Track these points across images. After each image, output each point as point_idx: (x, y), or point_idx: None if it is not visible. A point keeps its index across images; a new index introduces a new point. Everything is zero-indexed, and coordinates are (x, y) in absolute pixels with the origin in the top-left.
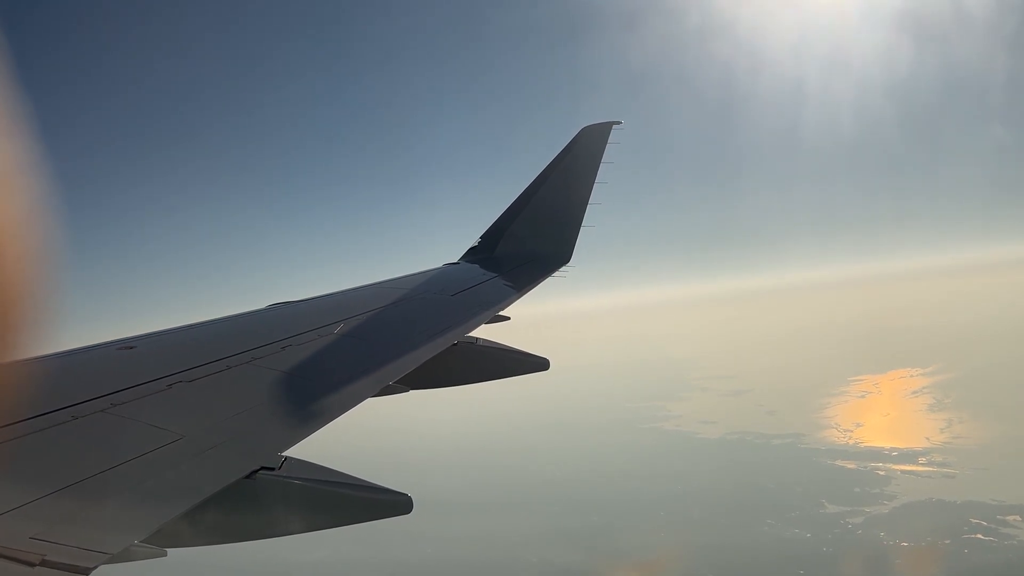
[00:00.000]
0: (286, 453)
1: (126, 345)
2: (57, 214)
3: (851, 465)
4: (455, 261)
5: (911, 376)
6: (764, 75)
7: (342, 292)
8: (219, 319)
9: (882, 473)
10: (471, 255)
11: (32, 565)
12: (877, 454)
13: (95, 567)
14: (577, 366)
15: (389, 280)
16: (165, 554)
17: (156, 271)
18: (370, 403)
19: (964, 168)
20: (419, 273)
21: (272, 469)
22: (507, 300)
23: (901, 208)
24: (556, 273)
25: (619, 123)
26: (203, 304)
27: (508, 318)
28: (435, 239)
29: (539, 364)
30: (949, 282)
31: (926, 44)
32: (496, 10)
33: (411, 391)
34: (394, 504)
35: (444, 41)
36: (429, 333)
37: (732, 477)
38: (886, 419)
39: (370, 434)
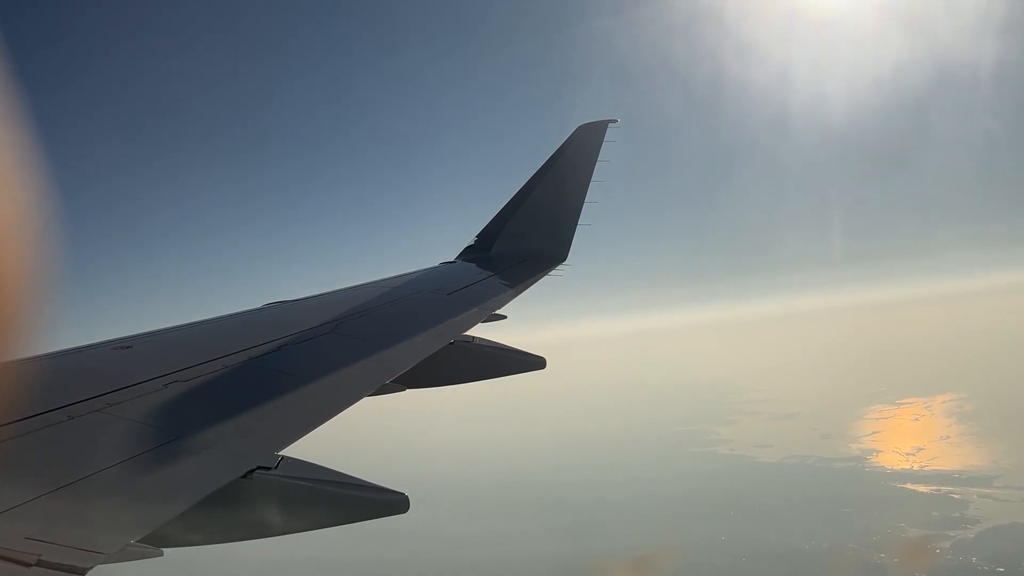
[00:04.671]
0: (282, 452)
1: (122, 345)
2: (54, 213)
3: (923, 489)
4: (451, 260)
5: (960, 399)
6: (778, 82)
7: (338, 291)
8: (215, 318)
9: (958, 497)
10: (467, 253)
11: (28, 565)
12: (947, 478)
13: (91, 567)
14: (615, 388)
15: (385, 279)
16: (161, 554)
17: (153, 271)
18: (366, 402)
19: (991, 191)
20: (415, 272)
21: (268, 468)
22: (504, 299)
23: (927, 230)
24: (552, 272)
25: (615, 121)
26: (199, 304)
27: (505, 317)
28: (431, 237)
29: (535, 363)
30: (982, 304)
31: (952, 53)
32: (492, 6)
33: (407, 390)
34: (391, 503)
35: (439, 39)
36: (425, 332)
37: (802, 501)
38: (947, 442)
39: (367, 433)
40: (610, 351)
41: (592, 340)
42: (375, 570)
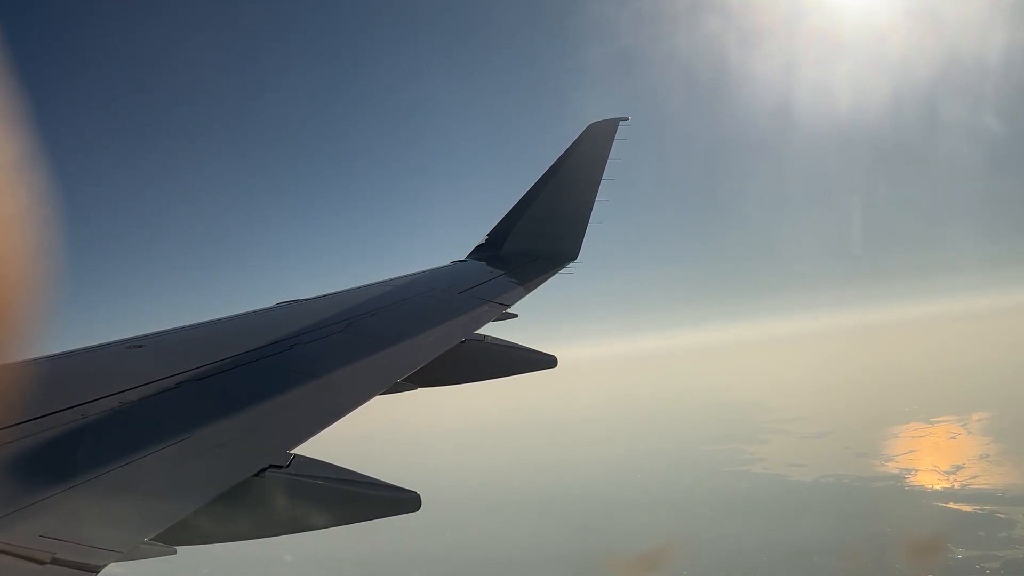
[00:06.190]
0: (295, 451)
1: (134, 344)
2: (59, 212)
3: (967, 508)
4: (462, 259)
5: (995, 416)
6: (797, 87)
7: (350, 290)
8: (227, 317)
9: (1003, 516)
10: (478, 252)
11: (42, 563)
12: (990, 496)
13: (105, 565)
14: (640, 406)
15: (396, 278)
16: (175, 552)
17: (164, 270)
18: (378, 401)
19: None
20: (426, 271)
21: (281, 467)
22: (514, 297)
23: (953, 246)
24: (563, 270)
25: (626, 119)
26: (212, 303)
27: (516, 315)
28: (442, 237)
29: (547, 361)
30: (1009, 321)
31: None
32: (504, 5)
33: (419, 389)
34: (402, 502)
35: (452, 37)
36: (437, 331)
37: (843, 521)
38: (987, 460)
39: (379, 432)
40: (631, 369)
41: (611, 358)
42: (385, 567)
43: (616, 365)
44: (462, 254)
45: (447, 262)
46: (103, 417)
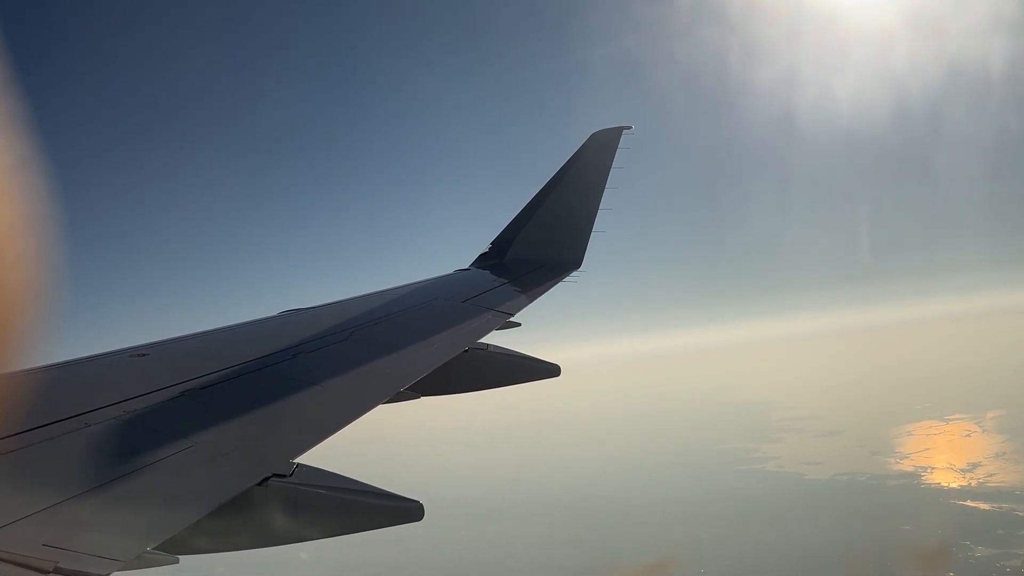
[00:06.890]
0: (298, 460)
1: (139, 353)
2: (61, 217)
3: (984, 506)
4: (466, 267)
5: (1009, 415)
6: (802, 91)
7: (353, 299)
8: (231, 326)
9: (1021, 514)
10: (482, 261)
11: (45, 572)
12: (1007, 495)
13: (108, 574)
14: (648, 406)
15: (400, 286)
16: (177, 561)
17: (168, 278)
18: (381, 409)
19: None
20: (430, 279)
21: (284, 476)
22: (518, 305)
23: (961, 245)
24: (567, 278)
25: (629, 128)
26: (215, 311)
27: (519, 324)
28: (446, 245)
29: (550, 371)
30: (1018, 320)
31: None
32: (508, 12)
33: (422, 397)
34: (405, 511)
35: (455, 47)
36: (440, 339)
37: (859, 519)
38: (1003, 459)
39: (382, 441)
40: (637, 370)
41: (616, 359)
42: (389, 569)
43: (622, 366)
44: (466, 262)
45: (451, 270)
46: (106, 426)
